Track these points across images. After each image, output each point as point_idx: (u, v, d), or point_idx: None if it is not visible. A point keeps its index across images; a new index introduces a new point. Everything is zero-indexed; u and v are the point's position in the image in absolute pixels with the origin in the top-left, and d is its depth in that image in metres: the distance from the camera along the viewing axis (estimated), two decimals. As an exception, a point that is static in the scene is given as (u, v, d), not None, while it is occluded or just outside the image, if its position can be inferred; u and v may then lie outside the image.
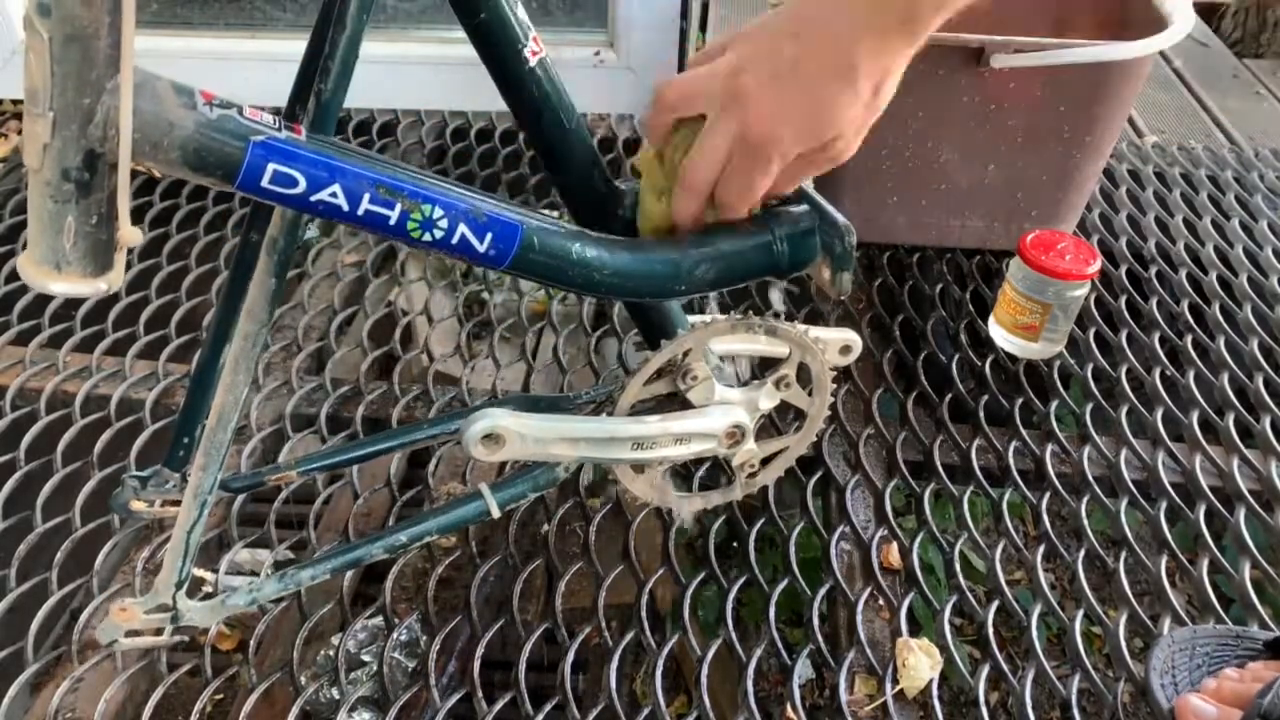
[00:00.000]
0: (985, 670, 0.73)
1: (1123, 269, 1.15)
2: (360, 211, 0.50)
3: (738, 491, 0.76)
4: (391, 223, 0.50)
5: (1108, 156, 1.09)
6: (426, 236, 0.51)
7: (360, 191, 0.49)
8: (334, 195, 0.49)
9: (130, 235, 0.45)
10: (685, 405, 0.68)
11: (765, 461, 0.75)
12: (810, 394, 0.73)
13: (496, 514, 0.69)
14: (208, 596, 0.66)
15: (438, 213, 0.51)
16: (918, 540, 0.82)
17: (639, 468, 0.71)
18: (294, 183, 0.48)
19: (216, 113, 0.46)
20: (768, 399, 0.70)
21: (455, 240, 0.52)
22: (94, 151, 0.42)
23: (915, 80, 1.05)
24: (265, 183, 0.47)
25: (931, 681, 0.72)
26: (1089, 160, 1.05)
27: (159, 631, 0.65)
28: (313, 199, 0.48)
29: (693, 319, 0.71)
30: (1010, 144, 1.04)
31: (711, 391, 0.68)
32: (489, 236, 0.53)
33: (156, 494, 0.71)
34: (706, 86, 0.53)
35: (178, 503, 0.69)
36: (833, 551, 0.82)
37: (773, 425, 0.87)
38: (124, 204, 0.44)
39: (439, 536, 0.70)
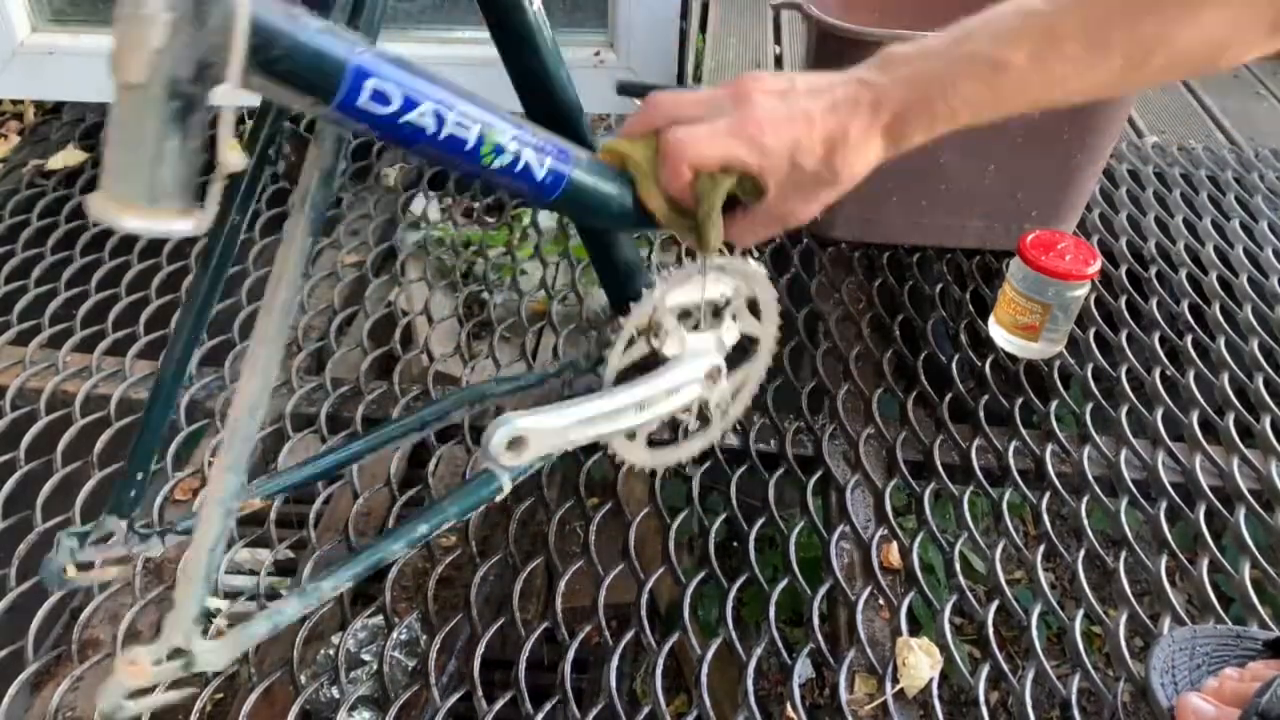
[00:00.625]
0: (985, 670, 0.73)
1: (1123, 269, 1.15)
2: (443, 135, 0.48)
3: (716, 431, 0.79)
4: (468, 147, 0.49)
5: (1108, 158, 1.09)
6: (496, 163, 0.51)
7: (446, 113, 0.48)
8: (423, 116, 0.47)
9: (233, 159, 0.41)
10: (658, 363, 0.71)
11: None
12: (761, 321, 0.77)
13: (508, 488, 0.68)
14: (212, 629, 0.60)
15: (509, 137, 0.51)
16: (918, 540, 0.82)
17: (631, 435, 0.73)
18: (388, 101, 0.46)
19: (321, 23, 0.43)
20: (729, 334, 0.74)
21: (519, 167, 0.52)
22: (206, 63, 0.39)
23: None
24: (362, 101, 0.45)
25: (931, 681, 0.72)
26: (1089, 162, 1.05)
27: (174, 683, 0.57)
28: (402, 120, 0.46)
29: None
30: (1010, 145, 1.04)
31: (682, 340, 0.71)
32: (547, 163, 0.53)
33: (99, 552, 0.63)
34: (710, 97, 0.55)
35: (125, 560, 0.63)
36: (833, 551, 0.82)
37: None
38: (227, 129, 0.41)
39: (457, 521, 0.67)
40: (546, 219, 1.26)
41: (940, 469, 0.89)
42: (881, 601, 0.78)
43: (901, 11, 1.10)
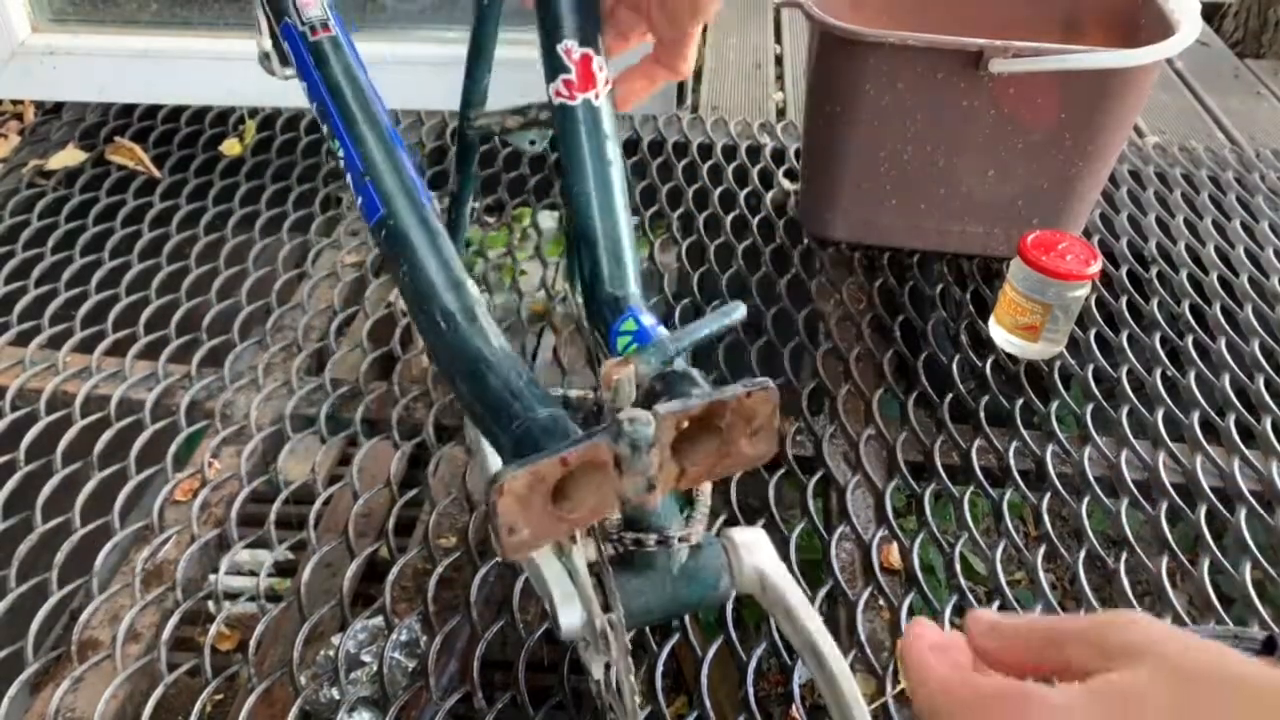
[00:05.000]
0: (985, 671, 0.73)
1: (1124, 269, 1.15)
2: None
3: None
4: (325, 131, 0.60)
5: (1112, 165, 1.07)
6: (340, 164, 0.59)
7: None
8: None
9: None
10: None
11: None
12: None
13: None
14: None
15: (340, 150, 0.59)
16: (918, 541, 0.82)
17: None
18: None
19: None
20: None
21: (350, 179, 0.59)
22: None
23: (914, 81, 1.05)
24: None
25: (932, 682, 0.72)
26: (1092, 169, 1.04)
27: None
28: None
29: None
30: (1010, 150, 1.03)
31: None
32: (360, 200, 0.59)
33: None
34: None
35: None
36: (833, 552, 0.82)
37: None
38: None
39: None
40: (546, 220, 1.26)
41: (941, 470, 0.89)
42: (882, 602, 0.78)
43: (909, 11, 1.10)
